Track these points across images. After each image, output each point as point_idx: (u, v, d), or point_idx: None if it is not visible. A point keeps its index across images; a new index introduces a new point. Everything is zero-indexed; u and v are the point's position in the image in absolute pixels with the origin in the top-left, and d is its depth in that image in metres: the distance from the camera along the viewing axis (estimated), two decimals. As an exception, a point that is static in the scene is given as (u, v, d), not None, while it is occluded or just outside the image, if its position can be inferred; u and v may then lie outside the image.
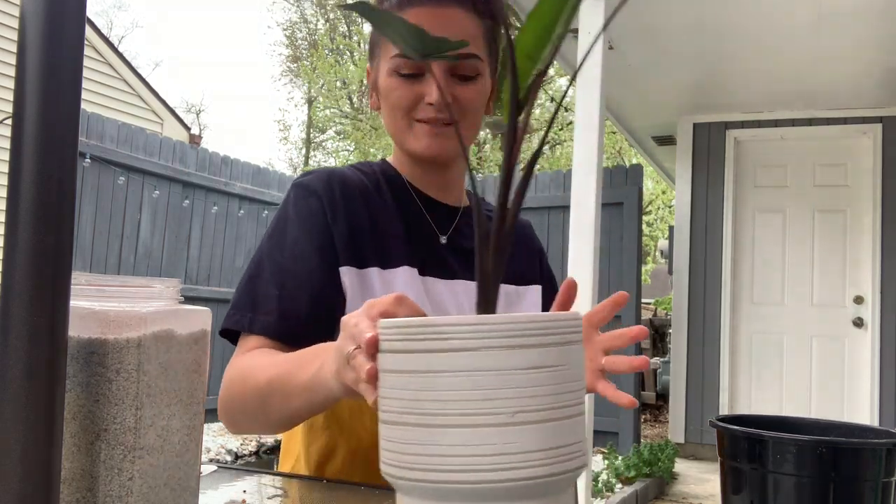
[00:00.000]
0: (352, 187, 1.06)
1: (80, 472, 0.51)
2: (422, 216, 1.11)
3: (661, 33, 4.18)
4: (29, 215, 0.42)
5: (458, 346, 0.49)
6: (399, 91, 1.03)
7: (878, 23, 3.91)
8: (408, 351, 0.51)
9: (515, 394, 0.49)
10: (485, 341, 0.49)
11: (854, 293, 5.25)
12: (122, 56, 9.24)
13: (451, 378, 0.49)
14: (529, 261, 1.21)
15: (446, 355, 0.49)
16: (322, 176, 1.07)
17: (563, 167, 15.37)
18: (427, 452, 0.49)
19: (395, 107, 1.05)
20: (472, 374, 0.49)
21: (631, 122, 6.10)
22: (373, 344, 0.57)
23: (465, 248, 1.13)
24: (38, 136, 0.42)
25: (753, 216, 5.54)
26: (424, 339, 0.50)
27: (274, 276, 0.99)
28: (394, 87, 1.04)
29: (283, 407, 0.86)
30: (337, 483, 0.87)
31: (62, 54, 0.43)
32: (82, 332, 0.52)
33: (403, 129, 1.06)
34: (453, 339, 0.49)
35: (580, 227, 3.29)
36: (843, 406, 5.21)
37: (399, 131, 1.06)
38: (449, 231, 1.12)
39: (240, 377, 0.91)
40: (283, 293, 0.97)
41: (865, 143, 5.29)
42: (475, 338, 0.49)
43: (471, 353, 0.49)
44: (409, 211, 1.10)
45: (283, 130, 24.06)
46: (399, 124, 1.06)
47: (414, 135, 1.05)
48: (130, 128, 6.37)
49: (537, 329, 0.51)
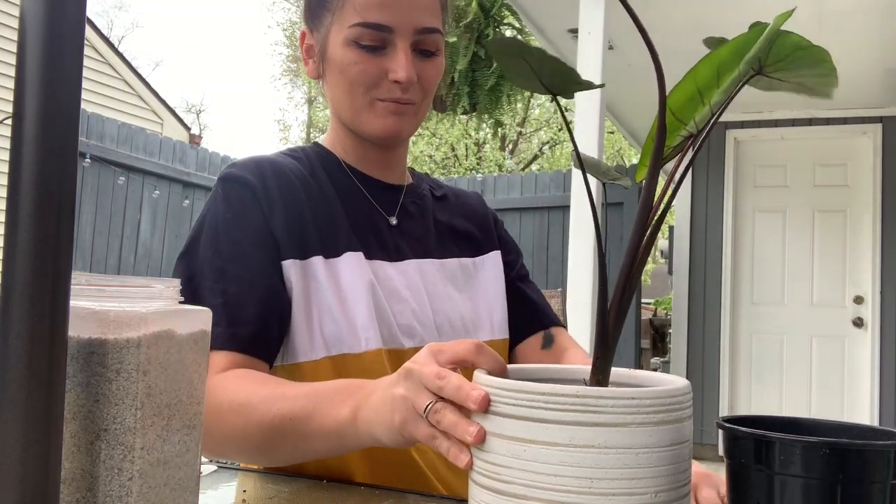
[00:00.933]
0: (285, 173, 0.98)
1: (80, 472, 0.51)
2: (363, 198, 1.04)
3: (661, 33, 4.18)
4: (29, 215, 0.42)
5: (611, 420, 0.45)
6: (361, 66, 0.95)
7: (878, 23, 3.91)
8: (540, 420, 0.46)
9: (656, 472, 0.45)
10: (637, 417, 0.45)
11: (854, 293, 5.25)
12: (122, 56, 9.24)
13: (598, 455, 0.45)
14: (482, 228, 1.17)
15: (595, 429, 0.45)
16: (250, 165, 0.98)
17: (563, 167, 15.37)
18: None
19: (354, 82, 0.96)
20: (622, 451, 0.45)
21: (631, 122, 6.10)
22: (485, 404, 0.52)
23: (413, 227, 1.07)
24: (38, 136, 0.42)
25: (753, 216, 5.54)
26: (565, 410, 0.45)
27: (216, 284, 0.90)
28: (354, 61, 0.95)
29: (297, 447, 0.79)
30: (337, 483, 0.87)
31: (62, 54, 0.43)
32: (82, 332, 0.52)
33: (361, 106, 0.98)
34: (606, 413, 0.45)
35: (580, 227, 3.28)
36: (843, 406, 5.20)
37: (354, 109, 0.98)
38: (396, 211, 1.06)
39: (231, 406, 0.81)
40: (227, 300, 0.89)
41: (865, 143, 5.29)
42: (628, 412, 0.45)
43: (623, 429, 0.45)
44: (348, 194, 1.03)
45: (283, 130, 24.07)
46: (356, 101, 0.97)
47: (374, 113, 0.98)
48: (130, 128, 6.37)
49: (676, 403, 0.47)
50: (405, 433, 0.65)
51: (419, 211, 1.10)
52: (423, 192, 1.14)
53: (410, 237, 1.06)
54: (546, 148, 17.29)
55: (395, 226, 1.05)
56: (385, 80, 0.96)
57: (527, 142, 17.49)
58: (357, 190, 1.04)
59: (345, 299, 0.94)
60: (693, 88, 0.50)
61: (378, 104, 0.97)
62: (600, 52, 3.36)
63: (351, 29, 0.94)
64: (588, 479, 0.45)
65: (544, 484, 0.46)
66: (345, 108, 1.00)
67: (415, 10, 0.95)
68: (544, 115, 16.71)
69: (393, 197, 1.08)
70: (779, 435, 0.45)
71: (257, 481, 0.87)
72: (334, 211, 0.99)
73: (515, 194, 6.44)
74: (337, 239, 0.97)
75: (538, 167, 16.88)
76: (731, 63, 0.49)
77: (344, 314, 0.93)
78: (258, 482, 0.86)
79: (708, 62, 0.49)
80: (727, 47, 0.49)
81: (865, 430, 0.50)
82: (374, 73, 0.95)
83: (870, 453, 0.44)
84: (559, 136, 16.67)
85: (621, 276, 0.53)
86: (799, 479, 0.44)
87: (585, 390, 0.46)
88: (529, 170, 16.31)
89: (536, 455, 0.46)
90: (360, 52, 0.95)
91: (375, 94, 0.97)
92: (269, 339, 0.91)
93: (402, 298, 1.00)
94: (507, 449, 0.48)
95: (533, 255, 6.11)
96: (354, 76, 0.96)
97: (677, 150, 0.54)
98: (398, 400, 0.65)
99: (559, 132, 16.54)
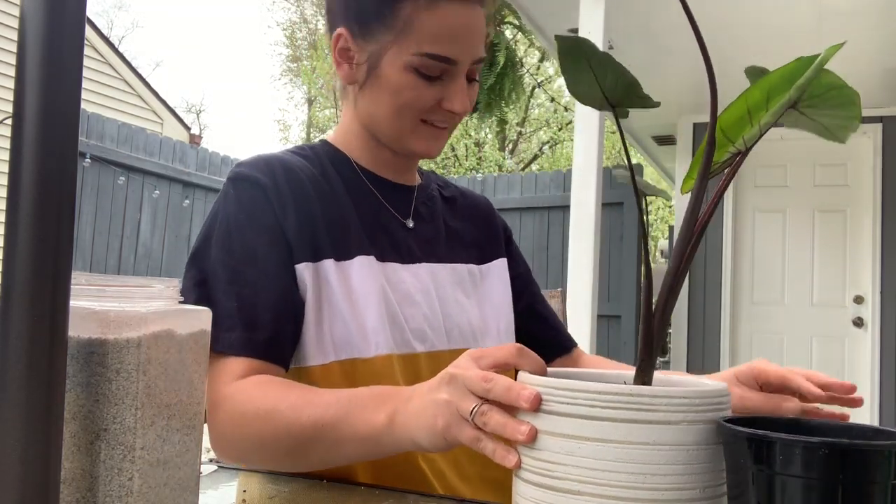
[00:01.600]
0: (295, 172, 0.96)
1: (80, 472, 0.51)
2: (375, 199, 1.03)
3: (661, 33, 4.18)
4: (29, 215, 0.42)
5: (664, 418, 0.47)
6: (417, 92, 0.95)
7: (878, 23, 3.91)
8: (596, 418, 0.48)
9: (704, 468, 0.48)
10: (689, 415, 0.47)
11: (854, 293, 5.25)
12: (122, 56, 9.24)
13: (652, 451, 0.47)
14: (490, 236, 1.16)
15: (649, 427, 0.47)
16: (260, 164, 0.96)
17: (563, 167, 15.38)
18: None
19: (406, 106, 0.96)
20: (675, 447, 0.47)
21: (631, 122, 6.10)
22: (537, 402, 0.54)
23: (424, 230, 1.06)
24: (38, 136, 0.42)
25: (753, 216, 5.54)
26: (620, 408, 0.47)
27: (230, 287, 0.89)
28: (411, 87, 0.94)
29: (329, 453, 0.78)
30: (337, 483, 0.87)
31: (62, 54, 0.43)
32: (82, 332, 0.52)
33: (406, 127, 0.98)
34: (660, 412, 0.47)
35: (580, 227, 3.28)
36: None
37: (397, 128, 0.98)
38: (410, 213, 1.06)
39: (258, 414, 0.81)
40: (242, 304, 0.88)
41: (865, 143, 5.29)
42: (680, 410, 0.47)
43: (675, 426, 0.47)
44: (360, 194, 1.02)
45: (283, 130, 24.08)
46: (402, 122, 0.97)
47: (417, 135, 0.98)
48: (130, 128, 6.37)
49: (721, 402, 0.49)
50: (448, 436, 0.65)
51: (429, 213, 1.10)
52: (433, 193, 1.13)
53: (422, 240, 1.05)
54: (546, 148, 17.29)
55: (410, 228, 1.05)
56: (438, 107, 0.96)
57: (527, 142, 17.49)
58: (369, 191, 1.03)
59: (355, 303, 0.93)
60: (744, 109, 0.53)
61: (422, 127, 0.98)
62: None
63: (415, 56, 0.93)
64: (642, 474, 0.47)
65: (599, 480, 0.48)
66: (385, 124, 0.99)
67: (478, 42, 0.97)
68: (544, 115, 16.72)
69: (405, 198, 1.07)
70: (779, 435, 0.45)
71: (257, 481, 0.87)
72: (346, 212, 0.98)
73: (515, 194, 6.44)
74: (348, 241, 0.96)
75: (538, 167, 16.87)
76: (781, 88, 0.52)
77: (354, 318, 0.92)
78: (258, 482, 0.86)
79: (759, 87, 0.52)
80: (777, 73, 0.52)
81: (866, 431, 0.50)
82: (429, 100, 0.95)
83: (870, 453, 0.44)
84: (559, 136, 16.66)
85: (666, 281, 0.55)
86: (799, 479, 0.44)
87: (640, 389, 0.48)
88: (529, 170, 16.31)
89: (591, 452, 0.48)
90: (419, 79, 0.94)
91: (422, 117, 0.97)
92: (284, 343, 0.90)
93: (415, 302, 0.99)
94: (560, 446, 0.49)
95: (533, 255, 6.11)
96: (408, 100, 0.95)
97: (724, 165, 0.56)
98: (441, 405, 0.66)
99: (559, 132, 16.54)
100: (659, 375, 0.61)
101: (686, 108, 5.57)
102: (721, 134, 0.54)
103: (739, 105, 0.53)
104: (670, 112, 5.66)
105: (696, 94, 5.26)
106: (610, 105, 0.57)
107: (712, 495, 0.49)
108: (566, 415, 0.50)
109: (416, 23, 0.93)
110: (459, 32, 0.94)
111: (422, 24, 0.93)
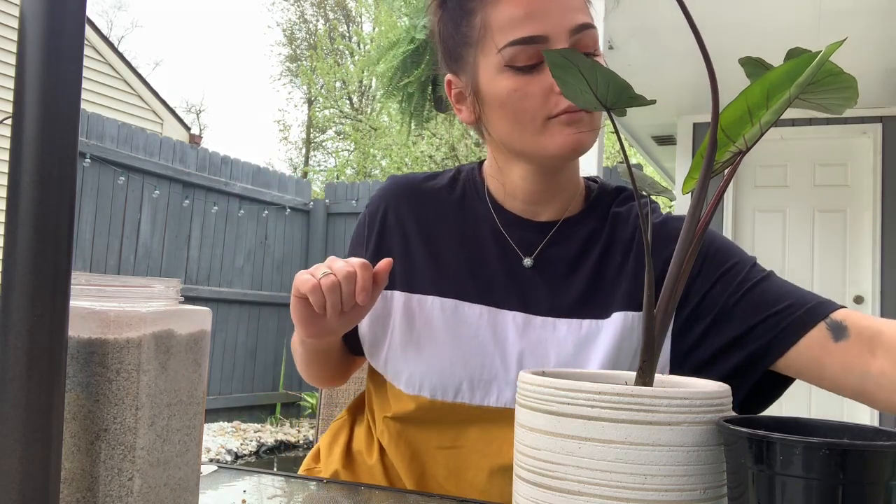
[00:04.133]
0: (407, 204, 0.99)
1: (80, 472, 0.51)
2: (500, 237, 0.96)
3: (661, 33, 4.18)
4: (29, 215, 0.42)
5: (665, 419, 0.47)
6: (522, 90, 0.86)
7: (878, 23, 3.91)
8: (597, 418, 0.48)
9: (705, 470, 0.48)
10: (689, 416, 0.47)
11: (854, 293, 5.25)
12: (122, 56, 9.23)
13: (653, 452, 0.47)
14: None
15: (650, 427, 0.47)
16: (391, 189, 1.02)
17: (562, 167, 15.31)
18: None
19: (519, 110, 0.87)
20: (676, 449, 0.47)
21: (630, 122, 6.10)
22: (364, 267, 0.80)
23: (547, 272, 0.94)
24: (38, 136, 0.42)
25: (753, 216, 5.54)
26: (621, 409, 0.47)
27: None
28: (513, 87, 0.86)
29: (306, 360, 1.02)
30: (337, 483, 0.87)
31: (62, 54, 0.43)
32: (82, 332, 0.52)
33: (534, 132, 0.88)
34: (661, 413, 0.47)
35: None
36: (843, 406, 5.20)
37: (527, 137, 0.89)
38: (535, 251, 0.95)
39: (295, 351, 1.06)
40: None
41: (865, 143, 5.29)
42: (681, 412, 0.47)
43: (676, 427, 0.47)
44: (486, 231, 0.97)
45: (283, 130, 24.08)
46: (527, 129, 0.88)
47: (549, 133, 0.87)
48: (130, 128, 6.37)
49: (722, 404, 0.49)
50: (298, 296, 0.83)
51: (564, 253, 0.96)
52: (590, 223, 0.98)
53: (544, 285, 0.94)
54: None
55: (529, 268, 0.95)
56: (552, 94, 0.86)
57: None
58: (496, 229, 0.97)
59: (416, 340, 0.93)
60: (744, 108, 0.53)
61: (551, 123, 0.87)
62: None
63: (502, 52, 0.86)
64: (643, 475, 0.47)
65: (599, 480, 0.47)
66: (516, 139, 0.90)
67: (565, 10, 0.87)
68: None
69: (537, 235, 0.96)
70: (779, 435, 0.45)
71: (257, 481, 0.87)
72: (462, 252, 0.96)
73: (515, 194, 6.42)
74: (453, 282, 0.94)
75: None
76: (782, 86, 0.52)
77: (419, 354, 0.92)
78: (258, 482, 0.86)
79: (759, 84, 0.52)
80: (777, 71, 0.52)
81: (866, 431, 0.50)
82: (537, 93, 0.86)
83: (871, 454, 0.44)
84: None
85: (668, 282, 0.54)
86: (799, 479, 0.44)
87: (641, 390, 0.48)
88: (529, 170, 16.25)
89: (591, 452, 0.48)
90: (517, 76, 0.86)
91: (545, 113, 0.87)
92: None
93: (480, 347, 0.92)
94: (560, 446, 0.49)
95: (533, 255, 6.11)
96: (517, 103, 0.87)
97: (725, 164, 0.56)
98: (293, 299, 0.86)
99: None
100: (660, 376, 0.61)
101: (686, 108, 5.57)
102: (721, 133, 0.54)
103: (739, 104, 0.53)
104: (670, 112, 5.66)
105: (696, 94, 5.26)
106: (605, 107, 0.57)
107: (713, 496, 0.49)
108: (566, 415, 0.50)
109: (490, 21, 0.88)
110: (536, 6, 0.86)
111: (496, 18, 0.87)
